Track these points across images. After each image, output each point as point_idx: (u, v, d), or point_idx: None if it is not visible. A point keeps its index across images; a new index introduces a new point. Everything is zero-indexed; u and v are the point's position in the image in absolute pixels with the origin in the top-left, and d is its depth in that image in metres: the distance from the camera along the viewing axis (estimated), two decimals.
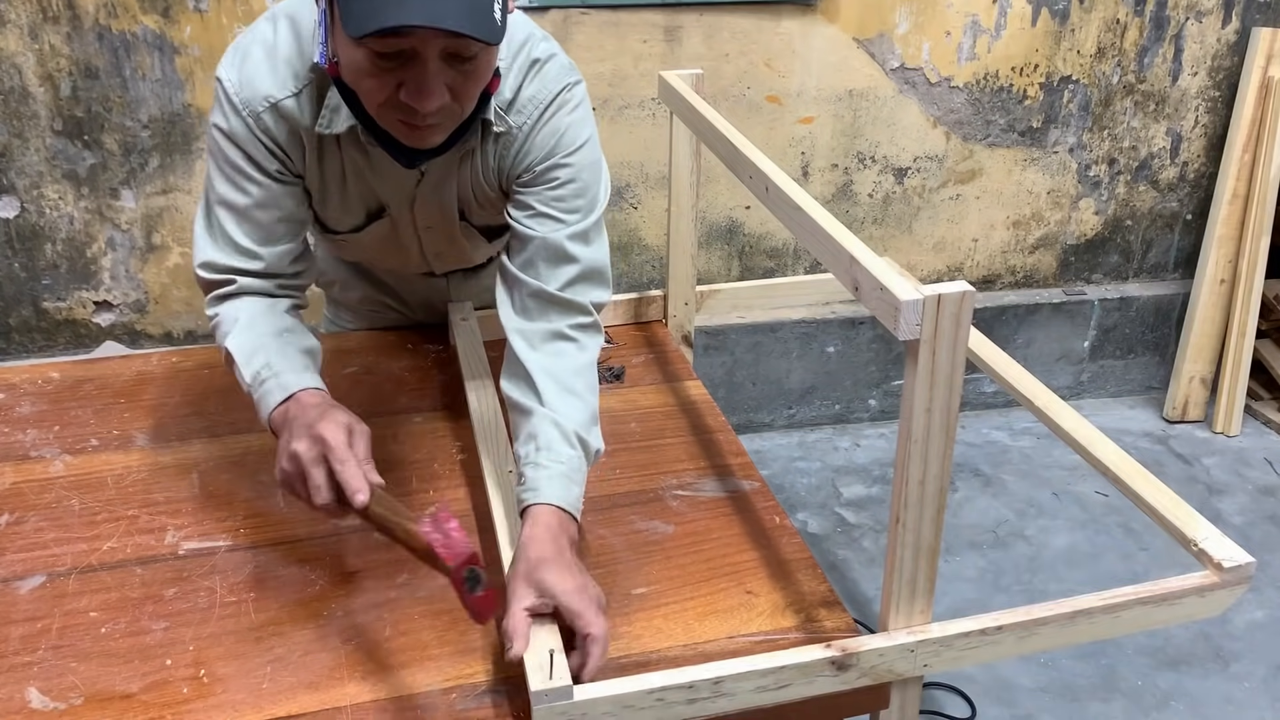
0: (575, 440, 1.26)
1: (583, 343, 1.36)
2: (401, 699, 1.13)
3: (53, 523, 1.38)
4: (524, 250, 1.36)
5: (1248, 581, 1.23)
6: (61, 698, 1.12)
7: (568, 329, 1.35)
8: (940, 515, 1.09)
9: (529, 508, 1.20)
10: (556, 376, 1.30)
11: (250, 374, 1.27)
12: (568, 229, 1.36)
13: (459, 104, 1.20)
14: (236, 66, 1.32)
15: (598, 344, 1.38)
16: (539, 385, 1.29)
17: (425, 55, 1.13)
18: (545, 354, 1.33)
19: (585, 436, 1.27)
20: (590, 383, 1.33)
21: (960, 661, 1.18)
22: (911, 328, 0.97)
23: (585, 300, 1.37)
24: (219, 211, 1.34)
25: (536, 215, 1.36)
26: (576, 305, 1.36)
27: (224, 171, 1.33)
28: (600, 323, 1.39)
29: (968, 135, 2.96)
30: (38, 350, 2.73)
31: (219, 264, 1.34)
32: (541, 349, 1.33)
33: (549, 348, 1.33)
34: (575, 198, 1.37)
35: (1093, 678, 2.25)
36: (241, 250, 1.34)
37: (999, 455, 3.04)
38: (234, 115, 1.31)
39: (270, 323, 1.32)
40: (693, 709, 1.09)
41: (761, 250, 2.99)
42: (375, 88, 1.17)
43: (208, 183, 1.36)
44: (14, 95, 2.45)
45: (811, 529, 2.71)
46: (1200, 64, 3.00)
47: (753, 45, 2.72)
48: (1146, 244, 3.25)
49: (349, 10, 1.09)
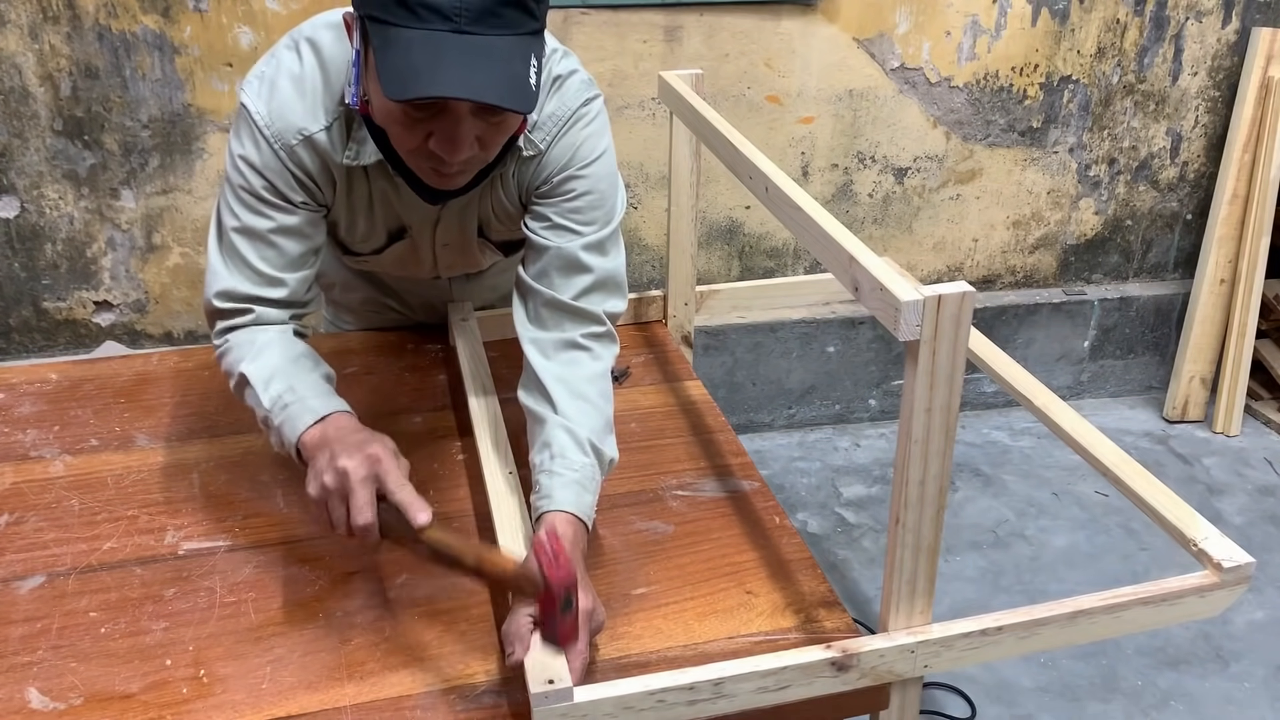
0: (589, 448, 1.27)
1: (596, 352, 1.37)
2: (401, 699, 1.13)
3: (53, 523, 1.38)
4: (539, 260, 1.38)
5: (1247, 582, 1.23)
6: (61, 698, 1.12)
7: (581, 338, 1.36)
8: (940, 515, 1.09)
9: (543, 515, 1.21)
10: (570, 384, 1.32)
11: (270, 399, 1.25)
12: (582, 240, 1.37)
13: (486, 153, 1.22)
14: (265, 98, 1.30)
15: (612, 353, 1.39)
16: (552, 393, 1.30)
17: (458, 112, 1.14)
18: (559, 363, 1.34)
19: (599, 444, 1.28)
20: (604, 391, 1.34)
21: (960, 662, 1.18)
22: (912, 328, 0.97)
23: (599, 310, 1.38)
24: (237, 239, 1.32)
25: (553, 227, 1.38)
26: (590, 314, 1.37)
27: (244, 200, 1.32)
28: (615, 332, 1.40)
29: (968, 135, 2.96)
30: (38, 350, 2.73)
31: (239, 293, 1.32)
32: (555, 358, 1.34)
33: (563, 356, 1.35)
34: (591, 209, 1.38)
35: (1093, 678, 2.25)
36: (263, 277, 1.32)
37: (999, 455, 3.04)
38: (265, 146, 1.30)
39: (286, 349, 1.31)
40: (693, 710, 1.09)
41: (761, 250, 2.99)
42: (405, 136, 1.18)
43: (224, 211, 1.34)
44: (14, 95, 2.45)
45: (811, 529, 2.71)
46: (1200, 64, 3.00)
47: (753, 45, 2.72)
48: (1146, 244, 3.25)
49: (387, 70, 1.09)
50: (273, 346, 1.30)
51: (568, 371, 1.33)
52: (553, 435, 1.27)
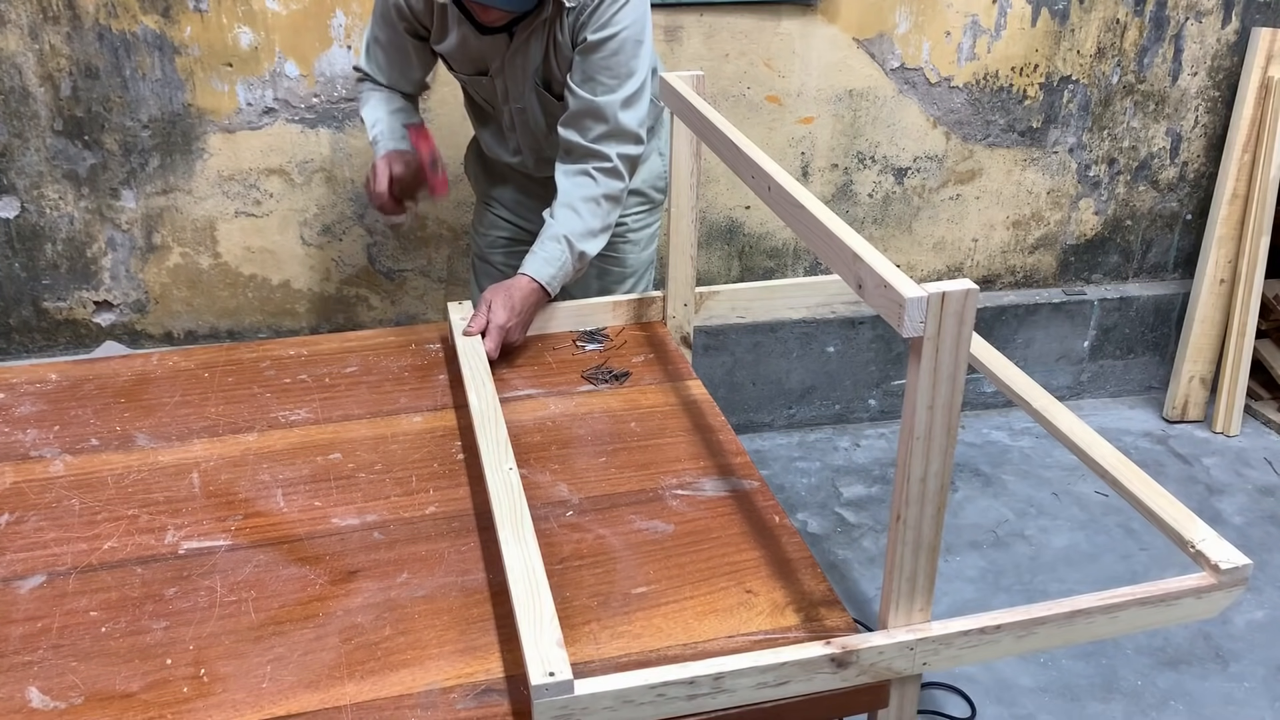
0: (563, 240, 1.76)
1: (599, 180, 1.79)
2: (401, 698, 1.13)
3: (53, 523, 1.38)
4: (571, 110, 1.78)
5: (1245, 583, 1.23)
6: (62, 697, 1.12)
7: (591, 169, 1.79)
8: (941, 513, 1.09)
9: (516, 275, 1.75)
10: (568, 197, 1.78)
11: (370, 137, 1.92)
12: (609, 94, 1.76)
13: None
14: None
15: (615, 186, 1.81)
16: (554, 204, 1.79)
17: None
18: (569, 182, 1.80)
19: (574, 241, 1.76)
20: (594, 210, 1.79)
21: (959, 660, 1.18)
22: (915, 325, 0.98)
23: (611, 151, 1.79)
24: (369, 39, 1.94)
25: (584, 80, 1.77)
26: (601, 153, 1.79)
27: (375, 13, 1.89)
28: (621, 170, 1.81)
29: (968, 135, 2.96)
30: (38, 350, 2.73)
31: (362, 69, 1.97)
32: (568, 179, 1.80)
33: (573, 179, 1.80)
34: (617, 68, 1.75)
35: (1093, 678, 2.26)
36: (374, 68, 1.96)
37: (999, 455, 3.04)
38: None
39: (387, 103, 1.94)
40: (693, 705, 1.09)
41: (761, 250, 2.99)
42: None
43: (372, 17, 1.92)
44: (14, 95, 2.45)
45: (811, 529, 2.72)
46: (1200, 64, 3.00)
47: (753, 45, 2.73)
48: (1146, 244, 3.25)
49: None
50: (380, 101, 1.95)
51: (572, 189, 1.79)
52: (543, 233, 1.78)
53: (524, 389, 1.70)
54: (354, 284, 2.79)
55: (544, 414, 1.64)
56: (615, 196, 1.81)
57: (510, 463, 1.39)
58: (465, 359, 1.64)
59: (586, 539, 1.37)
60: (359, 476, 1.48)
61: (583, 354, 1.82)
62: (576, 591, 1.28)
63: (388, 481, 1.48)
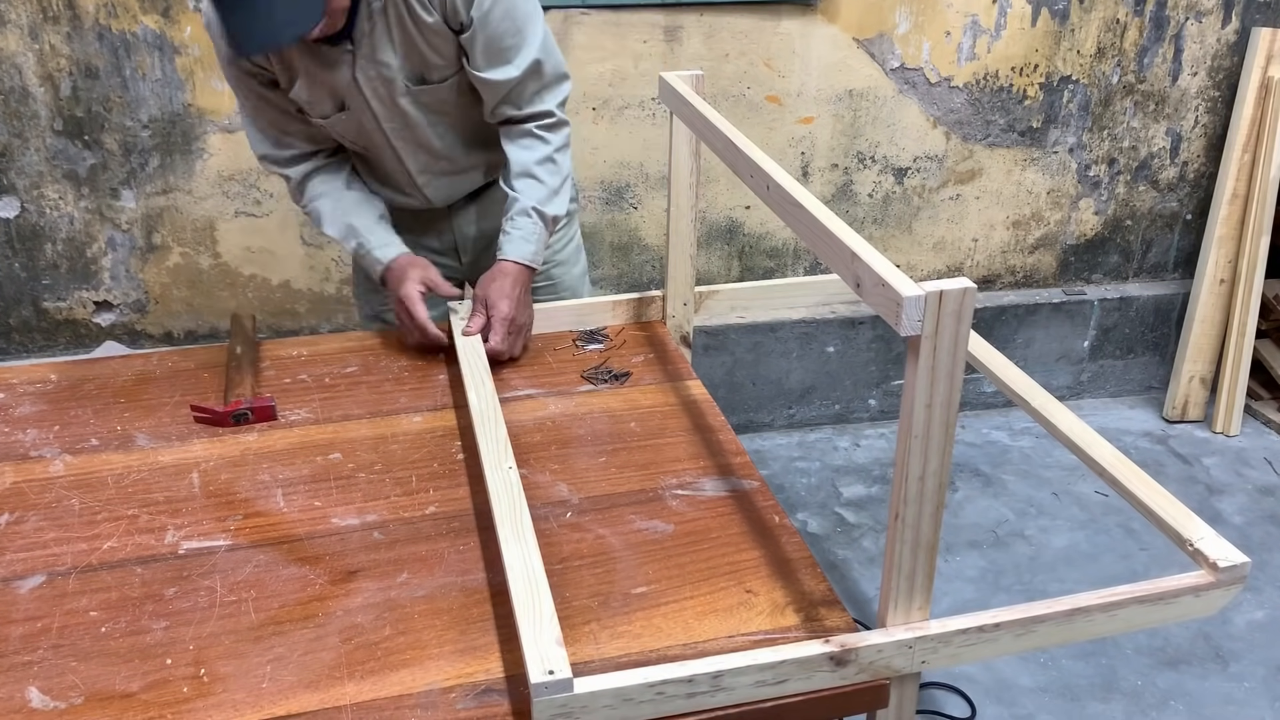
0: (531, 212, 1.73)
1: (548, 139, 1.76)
2: (401, 698, 1.13)
3: (53, 522, 1.38)
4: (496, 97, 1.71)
5: (1243, 582, 1.23)
6: (62, 697, 1.13)
7: (535, 129, 1.75)
8: (939, 512, 1.09)
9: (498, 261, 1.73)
10: (522, 165, 1.74)
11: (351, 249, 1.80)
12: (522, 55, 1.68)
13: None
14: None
15: (562, 134, 1.78)
16: (511, 175, 1.74)
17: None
18: (518, 150, 1.75)
19: (542, 209, 1.73)
20: (551, 170, 1.75)
21: (958, 659, 1.18)
22: (913, 323, 0.98)
23: (549, 105, 1.74)
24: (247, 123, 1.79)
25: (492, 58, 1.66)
26: (540, 112, 1.74)
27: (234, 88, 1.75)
28: (561, 115, 1.77)
29: (967, 135, 2.96)
30: (38, 350, 2.73)
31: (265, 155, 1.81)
32: (517, 147, 1.75)
33: (523, 146, 1.75)
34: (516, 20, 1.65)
35: (1092, 678, 2.26)
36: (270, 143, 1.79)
37: (999, 455, 3.04)
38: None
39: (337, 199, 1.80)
40: (691, 703, 1.09)
41: (761, 250, 2.99)
42: None
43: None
44: (14, 95, 2.46)
45: (811, 529, 2.72)
46: (1200, 64, 3.00)
47: (753, 45, 2.73)
48: (1146, 244, 3.25)
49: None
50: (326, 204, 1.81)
51: (525, 156, 1.74)
52: (510, 207, 1.73)
53: (524, 389, 1.71)
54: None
55: (544, 414, 1.64)
56: (564, 145, 1.78)
57: (510, 462, 1.39)
58: (465, 359, 1.64)
59: (586, 539, 1.37)
60: (359, 476, 1.49)
61: (583, 354, 1.82)
62: (576, 591, 1.28)
63: (388, 481, 1.48)
